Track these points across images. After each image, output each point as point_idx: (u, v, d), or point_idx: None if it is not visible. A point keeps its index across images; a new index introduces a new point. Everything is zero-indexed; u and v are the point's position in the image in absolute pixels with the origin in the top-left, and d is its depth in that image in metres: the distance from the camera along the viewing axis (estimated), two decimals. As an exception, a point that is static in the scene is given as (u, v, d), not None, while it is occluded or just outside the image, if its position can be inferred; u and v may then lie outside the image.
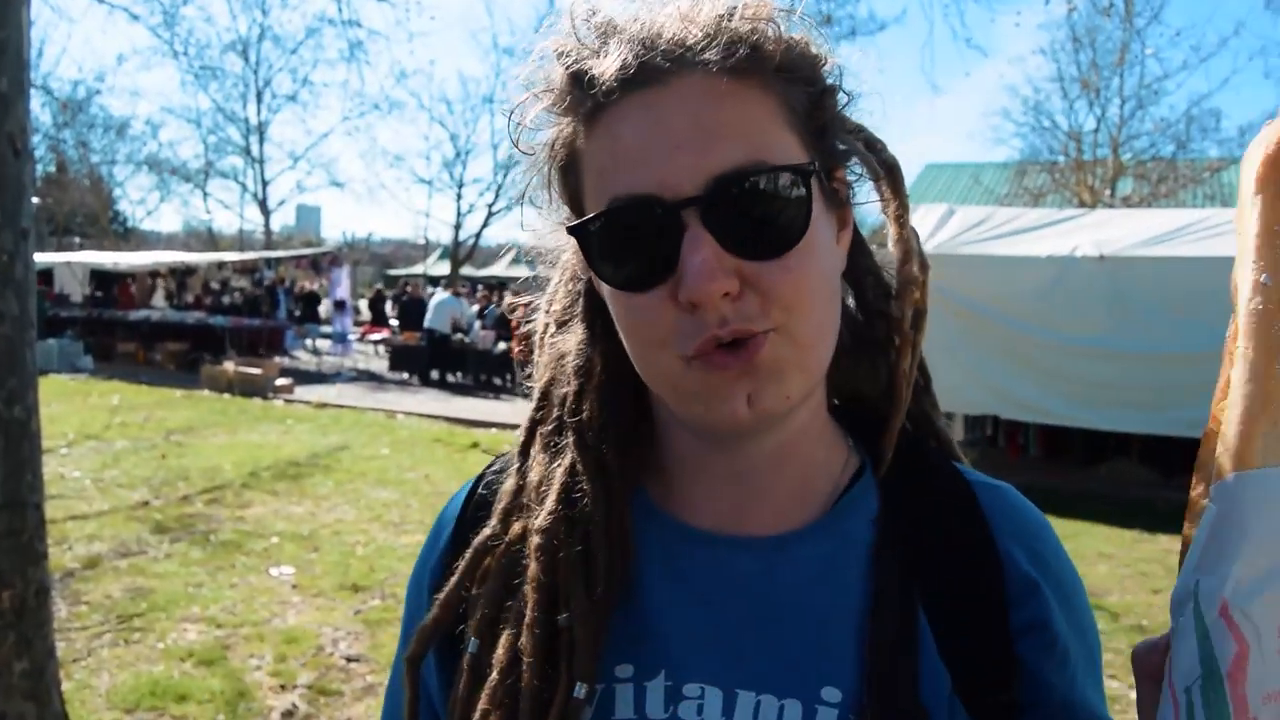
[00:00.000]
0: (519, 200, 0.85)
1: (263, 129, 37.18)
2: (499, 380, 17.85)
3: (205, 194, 40.41)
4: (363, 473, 9.66)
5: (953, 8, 14.04)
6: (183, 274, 26.24)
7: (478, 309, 19.99)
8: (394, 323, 24.06)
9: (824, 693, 0.75)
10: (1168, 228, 8.93)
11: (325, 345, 23.12)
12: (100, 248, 35.95)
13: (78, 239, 41.02)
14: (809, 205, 0.71)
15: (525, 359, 0.94)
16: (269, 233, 38.63)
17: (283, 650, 5.04)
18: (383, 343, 22.05)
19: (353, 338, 23.67)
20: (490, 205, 36.46)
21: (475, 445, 11.39)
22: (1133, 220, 10.06)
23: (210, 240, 44.45)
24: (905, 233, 0.86)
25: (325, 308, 26.62)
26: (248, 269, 26.20)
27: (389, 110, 55.34)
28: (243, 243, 41.94)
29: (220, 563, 6.51)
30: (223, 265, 26.67)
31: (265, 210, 37.35)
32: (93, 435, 11.05)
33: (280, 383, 15.98)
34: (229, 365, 16.45)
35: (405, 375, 19.11)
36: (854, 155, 0.82)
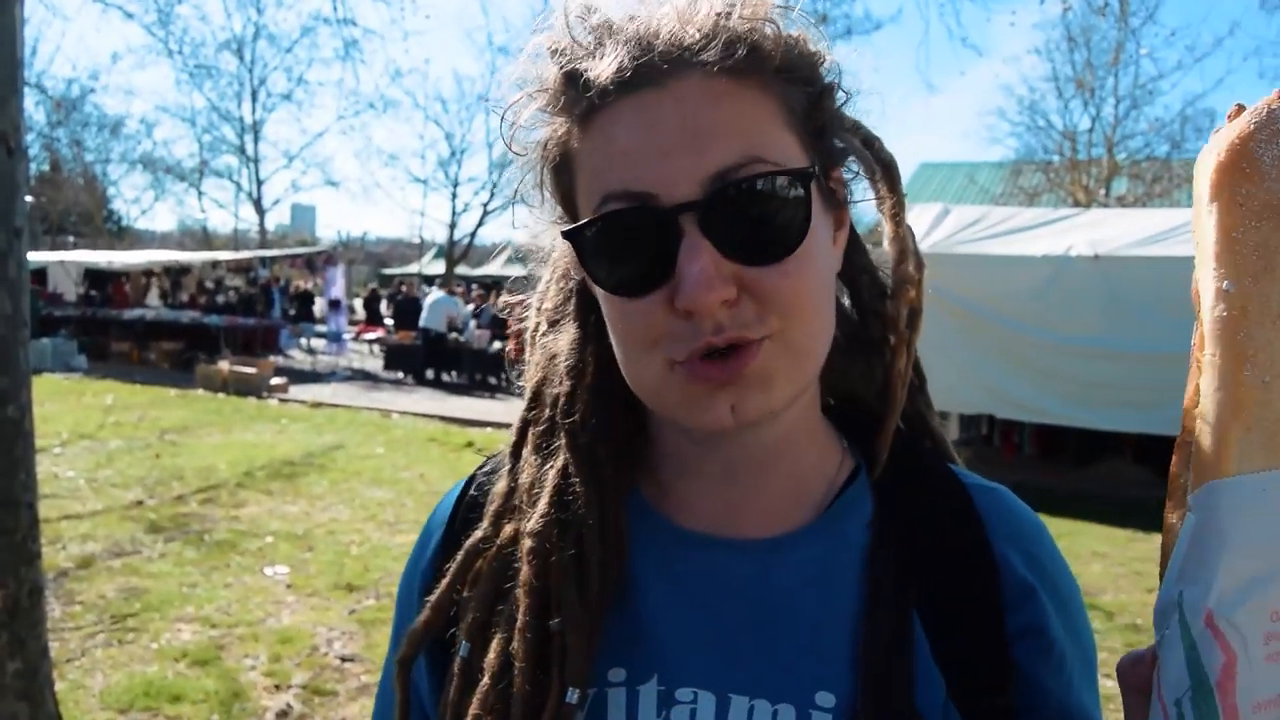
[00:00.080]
0: (513, 199, 0.84)
1: (257, 128, 37.14)
2: (494, 380, 17.82)
3: (200, 193, 40.35)
4: (358, 472, 9.65)
5: (948, 7, 14.08)
6: (177, 273, 26.21)
7: (473, 308, 19.98)
8: (389, 322, 24.02)
9: (818, 697, 0.74)
10: (1162, 227, 8.97)
11: (320, 344, 23.11)
12: (94, 247, 35.89)
13: (72, 238, 40.91)
14: (808, 210, 0.71)
15: (517, 357, 0.94)
16: (264, 232, 38.52)
17: (277, 650, 5.03)
18: (378, 342, 22.02)
19: (348, 337, 23.63)
20: (485, 204, 36.51)
21: (470, 445, 11.38)
22: (1127, 220, 10.07)
23: (205, 239, 44.41)
24: (901, 231, 0.86)
25: (320, 307, 26.57)
26: (242, 268, 26.17)
27: (384, 109, 55.23)
28: (237, 242, 41.83)
29: (215, 562, 6.50)
30: (217, 264, 26.62)
31: (260, 209, 37.28)
32: (87, 434, 11.02)
33: (275, 382, 15.95)
34: (224, 364, 16.42)
35: (400, 374, 19.09)
36: (851, 153, 0.81)
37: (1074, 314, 8.80)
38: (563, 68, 0.73)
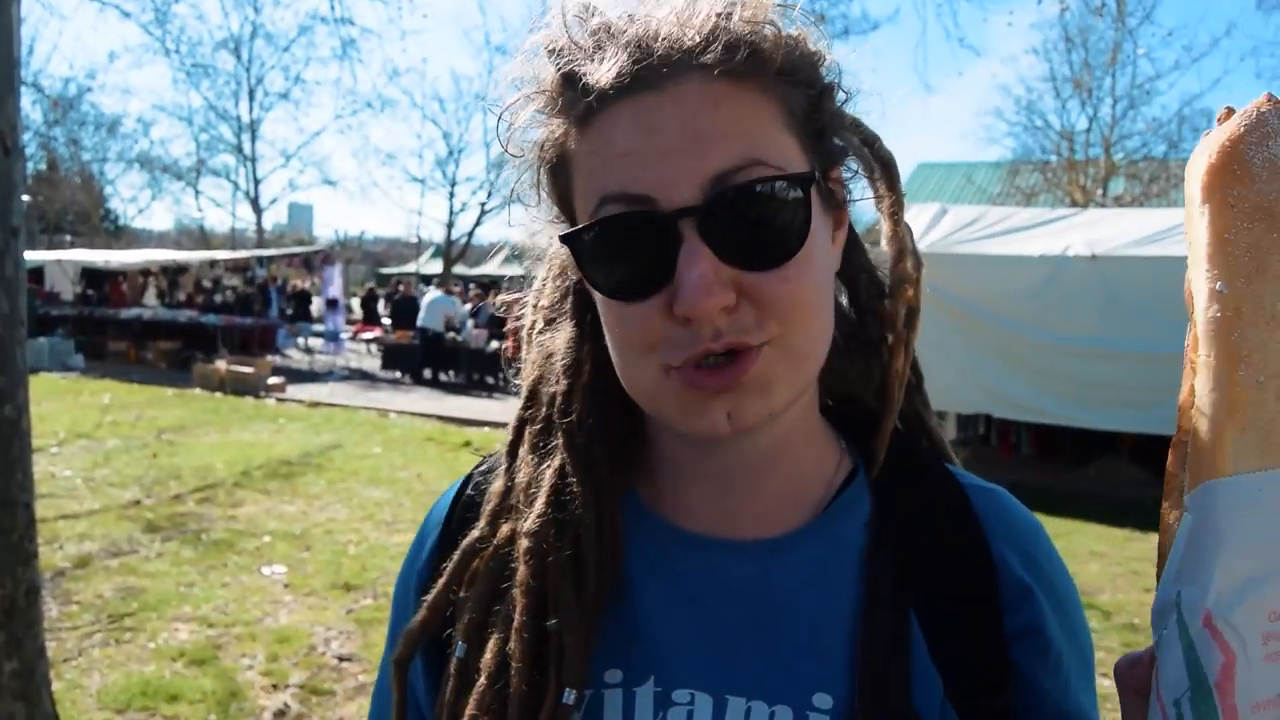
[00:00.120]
0: (510, 199, 0.84)
1: (255, 127, 37.11)
2: (491, 379, 17.82)
3: (197, 192, 40.26)
4: (355, 471, 9.64)
5: (945, 7, 14.09)
6: (174, 272, 26.19)
7: (470, 307, 19.96)
8: (386, 321, 24.01)
9: (815, 699, 0.74)
10: (1160, 227, 8.97)
11: (318, 344, 23.09)
12: (91, 246, 35.83)
13: (69, 237, 40.87)
14: (808, 214, 0.70)
15: (514, 355, 0.93)
16: (261, 231, 38.50)
17: (274, 650, 5.02)
18: (375, 341, 22.01)
19: (345, 336, 23.61)
20: (483, 204, 36.47)
21: (468, 444, 11.37)
22: (1125, 220, 10.08)
23: (202, 238, 44.33)
24: (899, 229, 0.85)
25: (317, 306, 26.57)
26: (240, 267, 26.16)
27: (381, 108, 55.42)
28: (235, 241, 41.76)
29: (212, 562, 6.49)
30: (215, 263, 26.62)
31: (257, 208, 37.23)
32: (84, 434, 11.00)
33: (272, 381, 15.92)
34: (221, 364, 16.40)
35: (398, 374, 19.07)
36: (850, 151, 0.81)
37: (1071, 314, 8.81)
38: (560, 69, 0.72)
